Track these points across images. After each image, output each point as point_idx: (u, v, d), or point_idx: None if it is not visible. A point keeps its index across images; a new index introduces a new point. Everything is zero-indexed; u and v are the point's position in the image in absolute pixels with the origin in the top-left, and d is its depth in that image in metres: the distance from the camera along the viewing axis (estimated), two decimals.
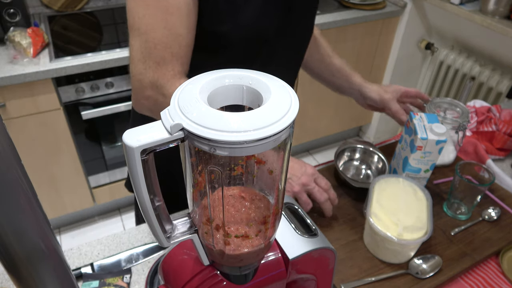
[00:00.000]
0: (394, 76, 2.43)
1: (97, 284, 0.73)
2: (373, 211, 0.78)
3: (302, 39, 0.92)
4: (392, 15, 2.18)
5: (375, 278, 0.76)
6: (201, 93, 0.38)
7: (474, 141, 1.08)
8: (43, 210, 0.34)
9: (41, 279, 0.35)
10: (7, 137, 0.29)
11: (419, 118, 0.88)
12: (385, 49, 2.34)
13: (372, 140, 2.70)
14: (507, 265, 0.81)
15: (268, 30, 0.79)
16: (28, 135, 1.66)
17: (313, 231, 0.56)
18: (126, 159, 0.36)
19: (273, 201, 0.45)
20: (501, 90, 1.93)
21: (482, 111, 1.14)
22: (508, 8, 1.81)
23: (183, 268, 0.50)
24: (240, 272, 0.49)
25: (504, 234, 0.86)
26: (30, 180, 0.32)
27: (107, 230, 2.10)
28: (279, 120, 0.35)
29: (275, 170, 0.42)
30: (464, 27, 2.10)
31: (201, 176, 0.41)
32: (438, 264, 0.78)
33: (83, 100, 1.70)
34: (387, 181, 0.85)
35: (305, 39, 0.93)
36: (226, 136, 0.33)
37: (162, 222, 0.42)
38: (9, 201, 0.30)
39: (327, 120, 2.48)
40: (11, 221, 0.30)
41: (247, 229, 0.45)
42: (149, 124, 0.36)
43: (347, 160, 1.03)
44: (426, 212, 0.78)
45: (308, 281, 0.58)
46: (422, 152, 0.85)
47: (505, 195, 0.96)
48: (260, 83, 0.40)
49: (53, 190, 1.87)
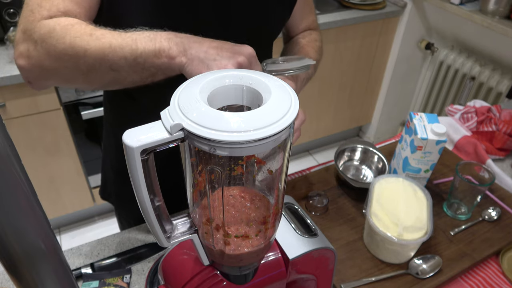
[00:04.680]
0: (394, 76, 2.43)
1: (97, 284, 0.73)
2: (373, 211, 0.78)
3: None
4: (392, 15, 2.18)
5: (375, 278, 0.76)
6: (201, 93, 0.38)
7: (474, 141, 1.08)
8: (43, 210, 0.34)
9: (41, 279, 0.35)
10: (7, 137, 0.29)
11: (419, 118, 0.88)
12: (385, 49, 2.34)
13: (372, 140, 2.70)
14: (507, 265, 0.81)
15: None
16: (28, 135, 1.66)
17: (313, 231, 0.56)
18: (126, 159, 0.36)
19: (273, 201, 0.45)
20: (501, 90, 1.92)
21: (482, 111, 1.14)
22: (508, 8, 1.81)
23: (183, 268, 0.50)
24: (240, 272, 0.49)
25: (504, 234, 0.86)
26: (30, 180, 0.32)
27: (107, 230, 2.09)
28: (279, 120, 0.35)
29: (275, 170, 0.42)
30: (464, 27, 2.10)
31: (201, 176, 0.41)
32: (438, 264, 0.78)
33: (83, 100, 1.70)
34: (387, 181, 0.85)
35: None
36: (226, 136, 0.33)
37: (162, 222, 0.42)
38: (9, 201, 0.30)
39: (327, 120, 2.48)
40: (11, 221, 0.30)
41: (247, 229, 0.45)
42: (149, 124, 0.36)
43: (347, 160, 1.03)
44: (426, 212, 0.78)
45: (308, 281, 0.58)
46: (422, 152, 0.85)
47: (505, 195, 0.96)
48: (260, 83, 0.40)
49: (53, 190, 1.87)
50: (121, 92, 0.85)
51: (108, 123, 0.93)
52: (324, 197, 0.90)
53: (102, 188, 1.06)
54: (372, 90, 2.51)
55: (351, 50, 2.21)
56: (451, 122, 1.15)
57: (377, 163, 1.01)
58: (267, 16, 0.81)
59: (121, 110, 0.87)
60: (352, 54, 2.23)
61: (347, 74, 2.31)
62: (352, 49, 2.21)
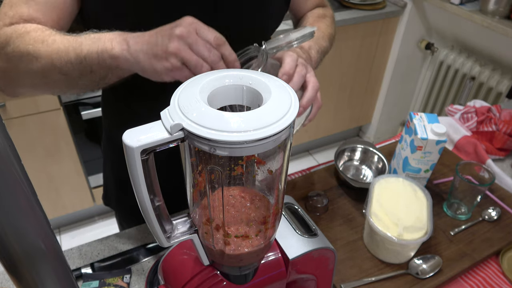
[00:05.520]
0: (394, 76, 2.43)
1: (97, 284, 0.73)
2: (373, 211, 0.78)
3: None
4: (392, 15, 2.18)
5: (375, 278, 0.76)
6: (201, 93, 0.38)
7: (474, 141, 1.08)
8: (43, 210, 0.34)
9: (41, 279, 0.35)
10: (7, 137, 0.29)
11: (419, 118, 0.88)
12: (385, 49, 2.34)
13: (372, 140, 2.70)
14: (507, 265, 0.81)
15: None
16: (28, 135, 1.66)
17: (313, 231, 0.56)
18: (126, 159, 0.36)
19: (273, 201, 0.45)
20: (501, 90, 1.93)
21: (482, 111, 1.14)
22: (508, 8, 1.81)
23: (183, 268, 0.50)
24: (240, 272, 0.49)
25: (504, 234, 0.86)
26: (30, 180, 0.32)
27: (107, 230, 2.09)
28: (279, 120, 0.35)
29: (275, 170, 0.42)
30: (464, 27, 2.10)
31: (201, 176, 0.41)
32: (438, 264, 0.78)
33: (83, 100, 1.70)
34: (387, 181, 0.85)
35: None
36: (226, 136, 0.33)
37: (162, 222, 0.42)
38: (9, 201, 0.30)
39: (327, 120, 2.48)
40: (11, 221, 0.30)
41: (247, 229, 0.45)
42: (149, 124, 0.36)
43: (347, 160, 1.03)
44: (426, 212, 0.78)
45: (308, 281, 0.58)
46: (422, 152, 0.85)
47: (505, 195, 0.96)
48: (260, 83, 0.40)
49: (53, 190, 1.87)
50: (119, 100, 0.84)
51: (107, 129, 0.93)
52: (324, 197, 0.90)
53: (103, 193, 1.06)
54: (372, 90, 2.51)
55: (351, 50, 2.21)
56: (451, 122, 1.15)
57: (377, 163, 1.01)
58: (261, 14, 0.77)
59: (119, 117, 0.87)
60: (352, 54, 2.23)
61: (347, 74, 2.31)
62: (352, 49, 2.21)
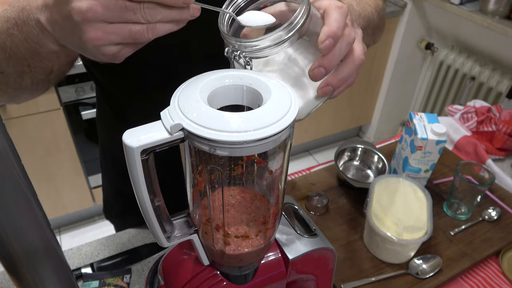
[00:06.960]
0: (394, 76, 2.43)
1: (97, 284, 0.73)
2: (373, 211, 0.78)
3: None
4: (392, 15, 2.18)
5: (375, 278, 0.76)
6: (201, 93, 0.38)
7: (474, 141, 1.08)
8: (43, 210, 0.34)
9: (41, 279, 0.35)
10: (7, 137, 0.29)
11: (419, 118, 0.88)
12: (385, 49, 2.34)
13: (372, 140, 2.70)
14: (507, 265, 0.81)
15: None
16: (28, 135, 1.66)
17: (313, 231, 0.56)
18: (126, 159, 0.36)
19: (273, 201, 0.45)
20: (501, 90, 1.93)
21: (482, 111, 1.14)
22: (508, 8, 1.81)
23: (183, 268, 0.50)
24: (240, 272, 0.49)
25: (504, 234, 0.86)
26: (30, 180, 0.32)
27: (107, 230, 2.09)
28: (279, 120, 0.35)
29: (275, 170, 0.42)
30: (464, 27, 2.10)
31: (201, 176, 0.41)
32: (438, 264, 0.78)
33: (83, 100, 1.70)
34: (387, 181, 0.85)
35: None
36: (226, 136, 0.33)
37: (162, 222, 0.42)
38: (9, 201, 0.30)
39: (327, 120, 2.48)
40: (11, 221, 0.30)
41: (247, 229, 0.45)
42: (149, 124, 0.36)
43: (347, 160, 1.03)
44: (426, 212, 0.78)
45: (308, 281, 0.58)
46: (422, 152, 0.85)
47: (505, 195, 0.96)
48: (260, 83, 0.40)
49: (53, 190, 1.87)
50: (114, 115, 0.81)
51: (103, 143, 0.92)
52: (324, 197, 0.90)
53: (103, 207, 1.05)
54: (372, 90, 2.51)
55: None
56: (451, 122, 1.15)
57: (377, 163, 1.01)
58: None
59: (113, 131, 0.84)
60: None
61: None
62: None
